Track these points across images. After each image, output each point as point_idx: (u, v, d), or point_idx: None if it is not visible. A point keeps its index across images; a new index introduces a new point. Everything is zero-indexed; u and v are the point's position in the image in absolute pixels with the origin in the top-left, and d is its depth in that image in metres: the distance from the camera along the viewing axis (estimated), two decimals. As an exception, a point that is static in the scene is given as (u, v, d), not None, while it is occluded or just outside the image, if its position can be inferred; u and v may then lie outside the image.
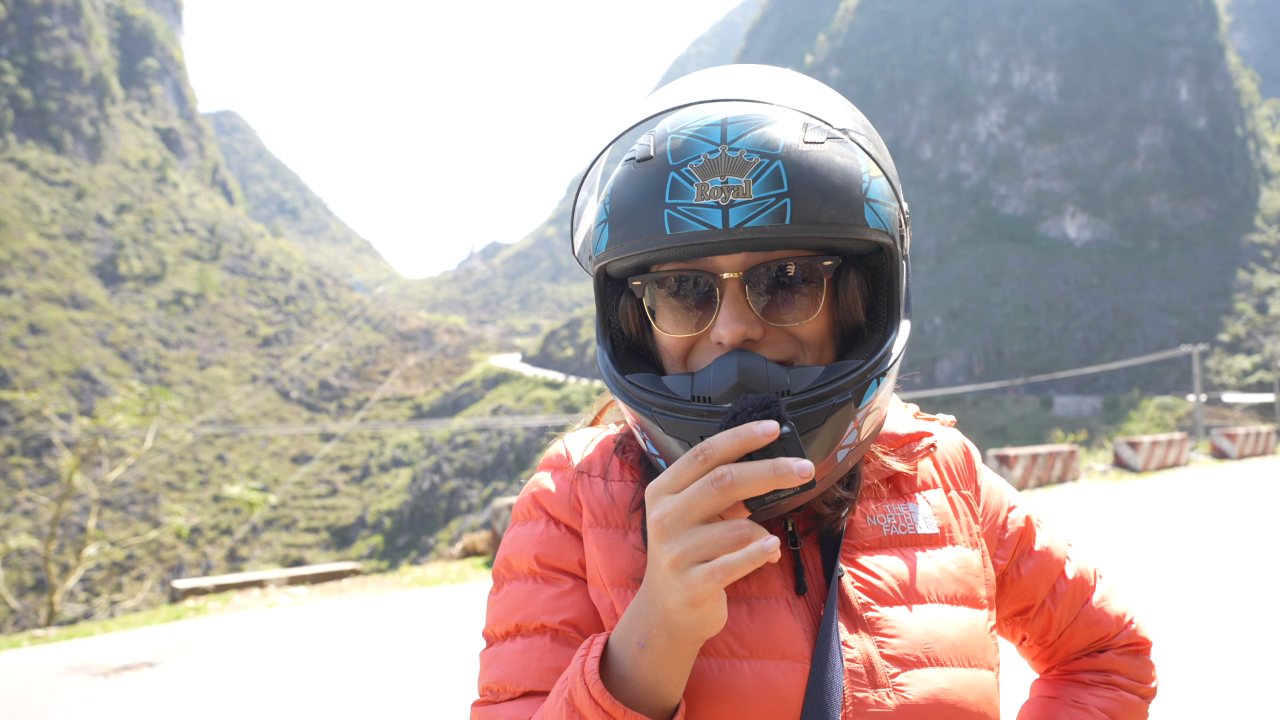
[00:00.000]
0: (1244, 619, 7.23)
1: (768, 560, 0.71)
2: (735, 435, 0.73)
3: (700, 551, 0.72)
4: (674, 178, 0.85)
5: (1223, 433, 28.56)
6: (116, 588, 68.38)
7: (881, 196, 0.88)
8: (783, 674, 0.88)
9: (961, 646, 0.94)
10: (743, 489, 0.71)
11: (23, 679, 6.86)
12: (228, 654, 7.42)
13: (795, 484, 0.72)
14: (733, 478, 0.72)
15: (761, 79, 0.92)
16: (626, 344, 0.99)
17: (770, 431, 0.72)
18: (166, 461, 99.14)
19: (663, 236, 0.85)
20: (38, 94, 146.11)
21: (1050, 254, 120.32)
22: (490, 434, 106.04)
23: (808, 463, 0.72)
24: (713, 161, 0.84)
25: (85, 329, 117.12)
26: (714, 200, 0.83)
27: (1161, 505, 15.77)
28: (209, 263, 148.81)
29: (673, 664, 0.80)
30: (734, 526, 0.72)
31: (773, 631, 0.90)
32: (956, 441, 1.12)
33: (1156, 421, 79.04)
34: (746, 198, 0.83)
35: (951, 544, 1.02)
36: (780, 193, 0.83)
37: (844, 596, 0.93)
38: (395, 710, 5.64)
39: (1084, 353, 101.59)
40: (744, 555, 0.71)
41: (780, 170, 0.83)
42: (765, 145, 0.84)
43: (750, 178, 0.83)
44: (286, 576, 11.02)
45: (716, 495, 0.72)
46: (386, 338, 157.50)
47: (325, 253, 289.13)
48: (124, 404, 24.41)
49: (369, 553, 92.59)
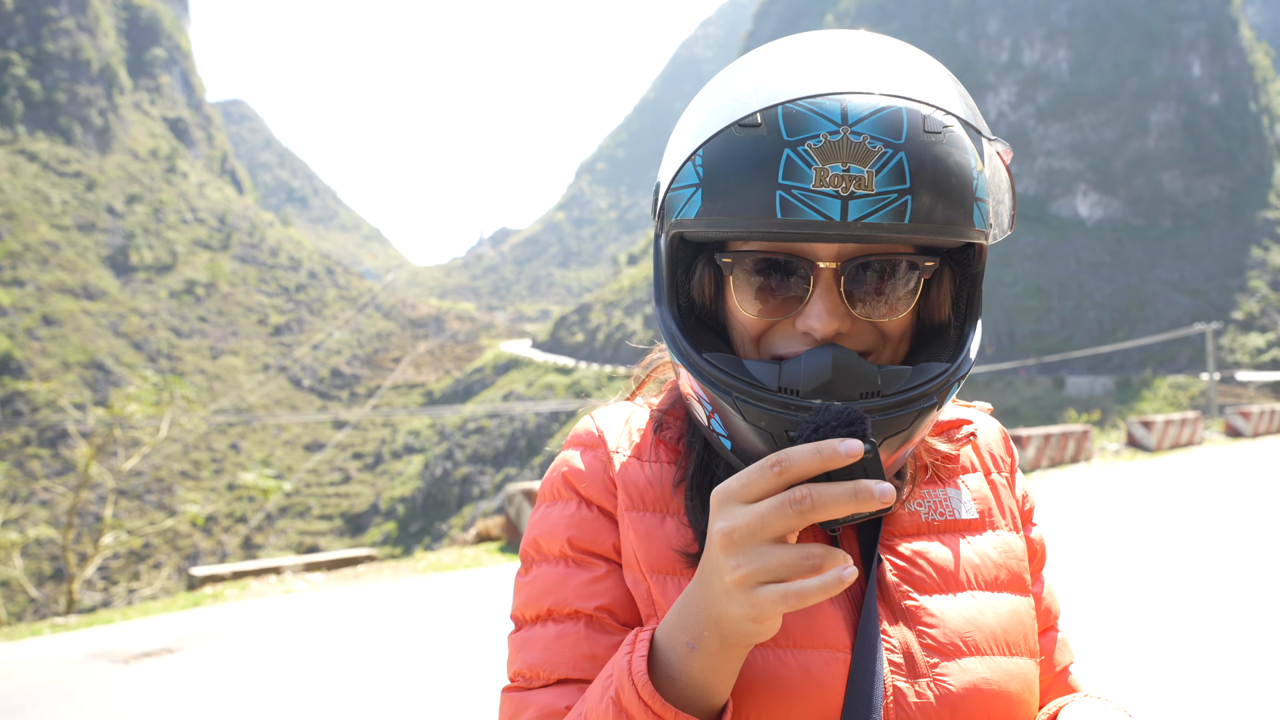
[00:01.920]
0: (1259, 599, 7.21)
1: (843, 589, 0.68)
2: (818, 451, 0.69)
3: (770, 573, 0.69)
4: (789, 155, 0.79)
5: (1237, 411, 28.39)
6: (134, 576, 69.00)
7: (983, 194, 0.85)
8: (826, 664, 0.87)
9: (1003, 634, 0.92)
10: (822, 512, 0.68)
11: (46, 666, 6.94)
12: (247, 640, 7.49)
13: (875, 508, 0.69)
14: (813, 501, 0.68)
15: (886, 60, 0.86)
16: (695, 314, 0.95)
17: (854, 452, 0.69)
18: (181, 450, 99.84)
19: (772, 219, 0.80)
20: (46, 85, 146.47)
21: (1062, 233, 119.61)
22: (501, 420, 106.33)
23: (889, 487, 0.69)
24: (834, 144, 0.78)
25: (98, 320, 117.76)
26: (834, 189, 0.78)
27: (1176, 485, 15.72)
28: (219, 252, 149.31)
29: (724, 665, 0.78)
30: (808, 554, 0.69)
31: (815, 621, 0.89)
32: (994, 428, 1.10)
33: (1170, 400, 78.65)
34: (869, 191, 0.78)
35: (993, 529, 1.00)
36: (902, 189, 0.78)
37: (882, 584, 0.91)
38: (415, 695, 5.69)
39: (1096, 332, 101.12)
40: (819, 584, 0.68)
41: (904, 163, 0.79)
42: (889, 132, 0.79)
43: (874, 168, 0.78)
44: (303, 563, 11.10)
45: (794, 517, 0.69)
46: (397, 325, 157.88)
47: (335, 241, 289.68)
48: (138, 394, 24.55)
49: (382, 539, 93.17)
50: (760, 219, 0.80)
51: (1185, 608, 6.96)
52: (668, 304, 0.93)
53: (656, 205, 0.93)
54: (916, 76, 0.85)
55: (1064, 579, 8.12)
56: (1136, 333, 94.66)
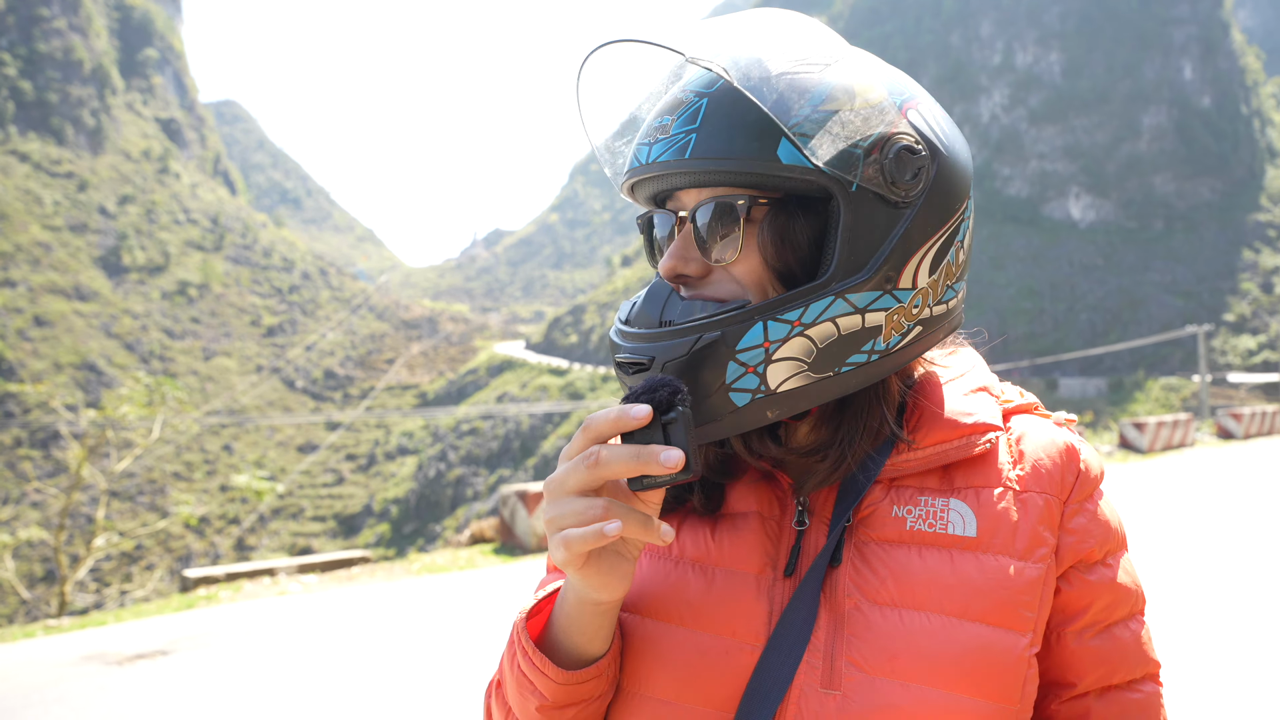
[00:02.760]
0: (1252, 600, 7.25)
1: (605, 542, 0.73)
2: (611, 413, 0.75)
3: (560, 521, 0.75)
4: (648, 117, 0.89)
5: (1228, 413, 28.51)
6: (126, 578, 68.76)
7: (823, 131, 0.80)
8: (726, 652, 0.85)
9: (950, 666, 0.82)
10: (606, 470, 0.74)
11: (39, 668, 6.92)
12: (241, 642, 7.48)
13: (660, 471, 0.72)
14: (598, 459, 0.74)
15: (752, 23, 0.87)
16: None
17: (640, 416, 0.73)
18: (173, 452, 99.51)
19: (627, 169, 0.90)
20: (38, 85, 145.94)
21: (1054, 235, 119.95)
22: (495, 421, 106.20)
23: (677, 452, 0.71)
24: (666, 101, 0.87)
25: (90, 321, 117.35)
26: (648, 139, 0.86)
27: (1168, 486, 15.77)
28: (212, 253, 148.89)
29: (583, 621, 0.82)
30: (590, 505, 0.74)
31: (726, 608, 0.87)
32: (1057, 442, 0.95)
33: (1162, 402, 78.90)
34: (666, 134, 0.84)
35: (991, 551, 0.87)
36: (691, 129, 0.83)
37: (834, 587, 0.87)
38: (409, 697, 5.69)
39: (1089, 334, 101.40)
40: (580, 534, 0.73)
41: (702, 107, 0.83)
42: (705, 84, 0.84)
43: (677, 115, 0.84)
44: (297, 565, 11.08)
45: (585, 472, 0.74)
46: (390, 326, 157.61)
47: (328, 242, 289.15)
48: (130, 395, 24.47)
49: (376, 541, 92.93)
50: (627, 169, 0.90)
51: (1177, 609, 6.99)
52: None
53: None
54: (773, 36, 0.85)
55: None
56: (1129, 335, 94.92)
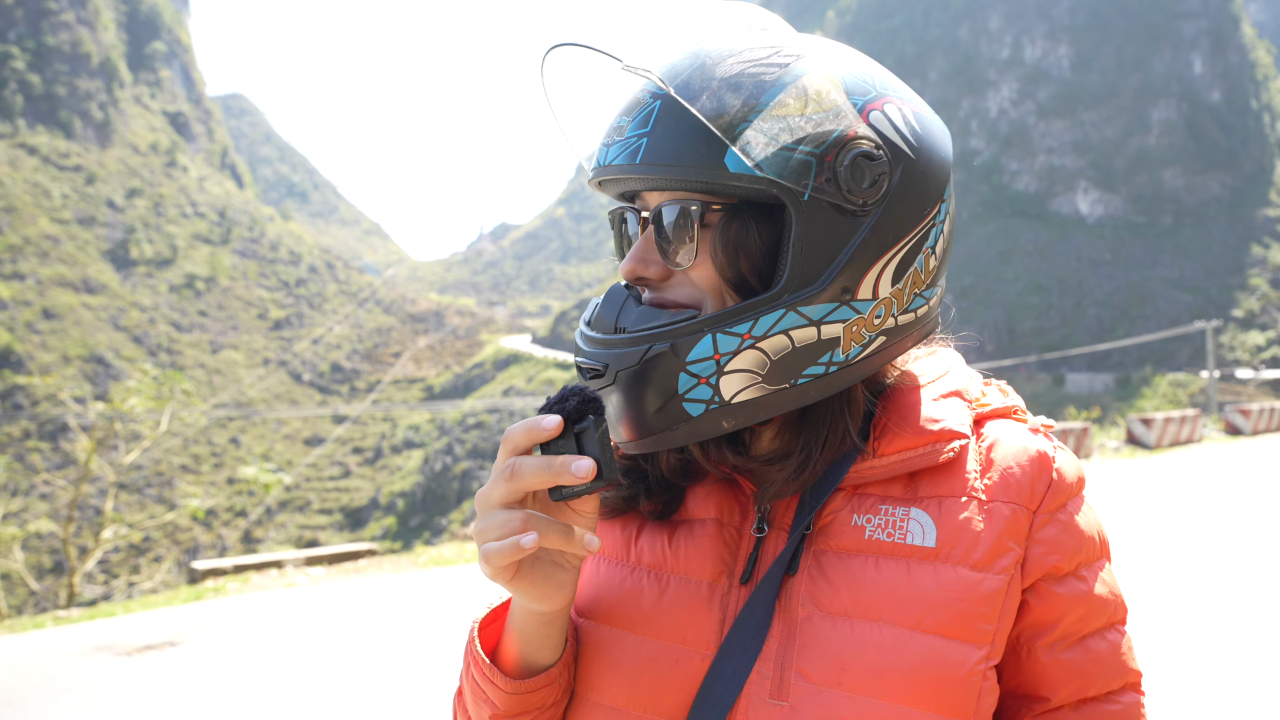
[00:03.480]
0: (1258, 596, 7.23)
1: (521, 555, 0.73)
2: (526, 424, 0.74)
3: (482, 535, 0.75)
4: (617, 115, 0.87)
5: (1236, 409, 28.39)
6: (134, 569, 69.04)
7: (770, 138, 0.78)
8: (676, 660, 0.85)
9: (900, 679, 0.80)
10: (523, 482, 0.73)
11: (48, 659, 6.97)
12: (248, 634, 7.51)
13: (571, 481, 0.72)
14: (513, 471, 0.74)
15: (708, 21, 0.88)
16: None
17: (549, 427, 0.73)
18: (181, 444, 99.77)
19: (592, 168, 0.89)
20: (46, 79, 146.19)
21: (1062, 230, 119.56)
22: (502, 415, 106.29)
23: (588, 462, 0.72)
24: (627, 102, 0.86)
25: (98, 313, 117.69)
26: (607, 139, 0.85)
27: (1175, 482, 15.73)
28: (219, 246, 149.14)
29: (527, 630, 0.82)
30: (508, 519, 0.74)
31: (677, 614, 0.86)
32: (1029, 449, 0.90)
33: (1169, 398, 78.54)
34: (621, 136, 0.84)
35: (950, 562, 0.84)
36: (643, 132, 0.82)
37: (789, 596, 0.85)
38: (417, 689, 5.71)
39: (1096, 329, 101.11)
40: (497, 546, 0.73)
41: (654, 110, 0.82)
42: (658, 89, 0.83)
43: (631, 117, 0.84)
44: (304, 557, 11.12)
45: (502, 484, 0.74)
46: (397, 320, 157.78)
47: (335, 235, 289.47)
48: (138, 388, 24.55)
49: (382, 534, 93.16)
50: (593, 168, 0.89)
51: (1184, 605, 6.98)
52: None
53: None
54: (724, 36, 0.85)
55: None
56: (1136, 330, 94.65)
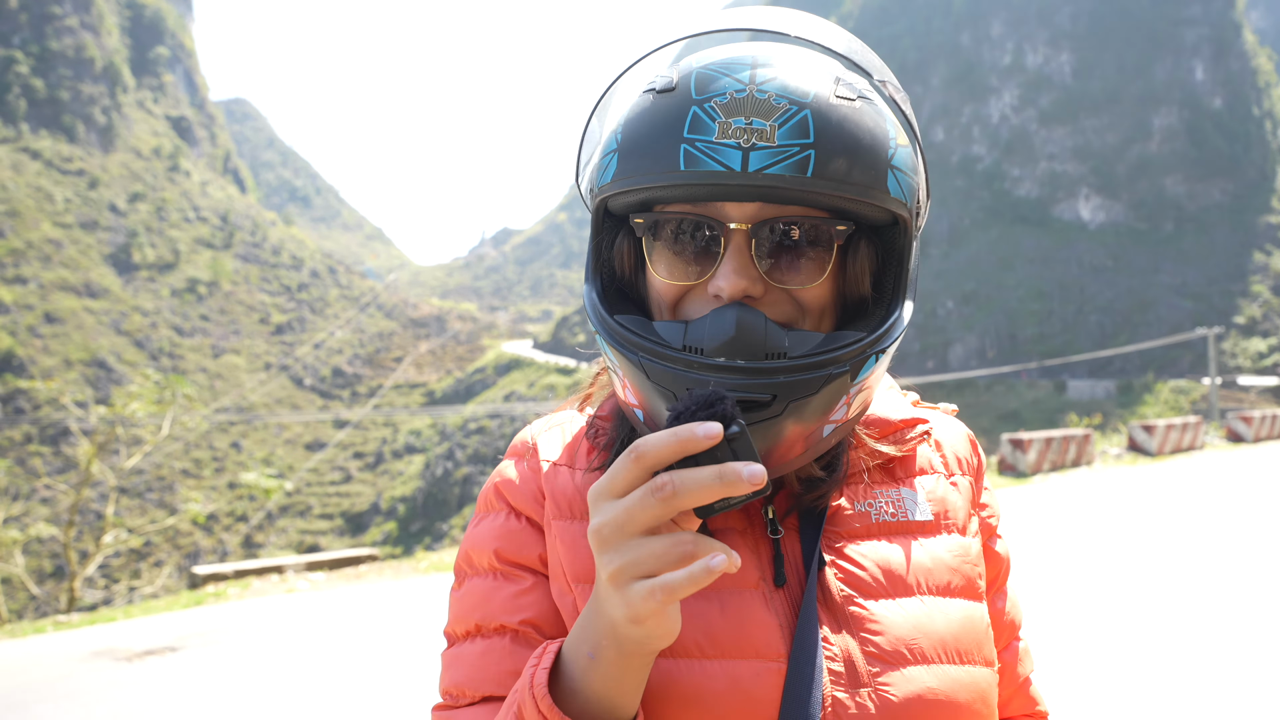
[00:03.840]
0: (1260, 604, 7.22)
1: (713, 580, 0.64)
2: (674, 436, 0.65)
3: (640, 567, 0.66)
4: (695, 112, 0.80)
5: (1238, 416, 28.40)
6: (135, 574, 69.00)
7: (905, 166, 0.83)
8: (756, 675, 0.83)
9: (953, 641, 0.88)
10: (686, 499, 0.65)
11: (49, 664, 6.97)
12: (249, 639, 7.51)
13: (745, 491, 0.64)
14: (674, 488, 0.65)
15: (796, 20, 0.86)
16: (617, 285, 0.93)
17: (713, 434, 0.65)
18: (182, 449, 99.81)
19: (676, 172, 0.79)
20: (50, 83, 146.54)
21: (1064, 236, 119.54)
22: (503, 420, 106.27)
23: (759, 467, 0.65)
24: (739, 100, 0.79)
25: (100, 317, 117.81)
26: (735, 140, 0.78)
27: (1177, 489, 15.72)
28: (222, 251, 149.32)
29: (624, 676, 0.74)
30: (677, 542, 0.66)
31: (747, 629, 0.84)
32: (960, 431, 1.06)
33: (1171, 405, 78.58)
34: (769, 143, 0.77)
35: (947, 531, 0.95)
36: (805, 143, 0.78)
37: (825, 589, 0.87)
38: (417, 695, 5.71)
39: (1098, 336, 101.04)
40: (686, 575, 0.64)
41: (808, 119, 0.78)
42: (794, 92, 0.79)
43: (776, 122, 0.78)
44: (305, 562, 11.12)
45: (657, 506, 0.65)
46: (399, 325, 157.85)
47: (337, 240, 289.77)
48: (140, 392, 24.59)
49: (383, 539, 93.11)
50: (665, 173, 0.80)
51: (1186, 613, 6.97)
52: (592, 278, 0.92)
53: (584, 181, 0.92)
54: (835, 44, 0.85)
55: (1064, 583, 8.12)
56: (1138, 337, 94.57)
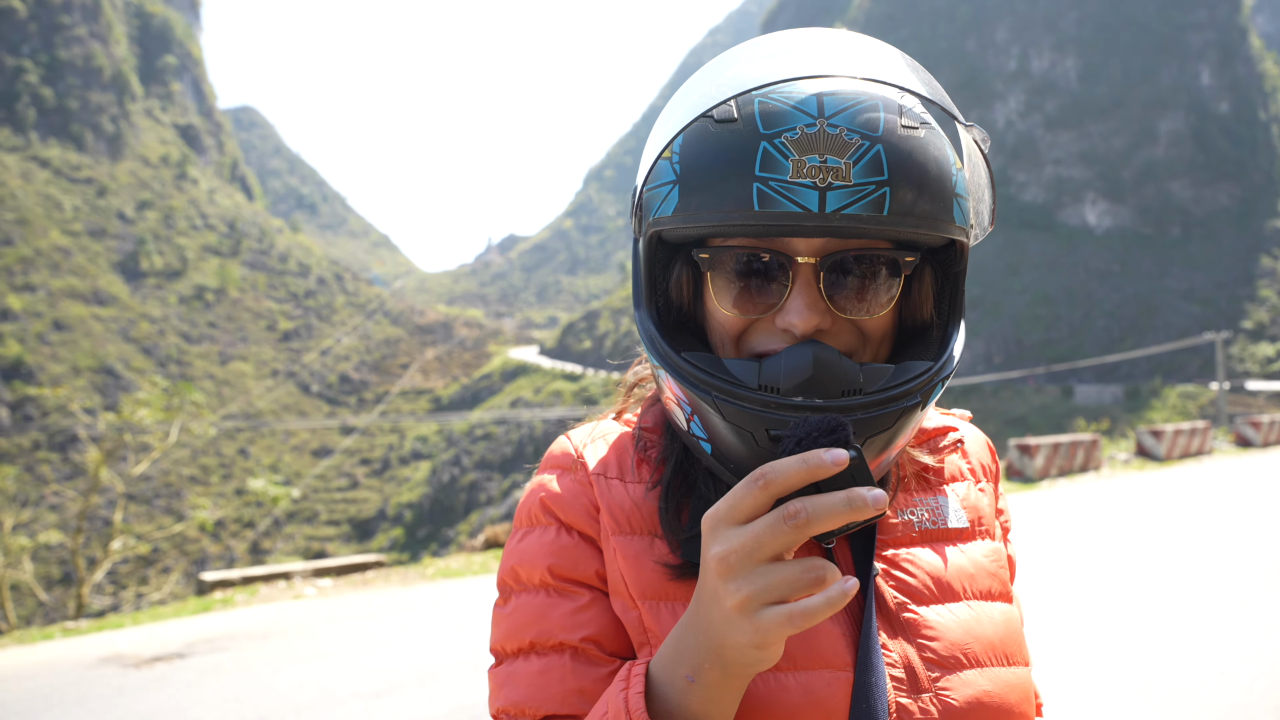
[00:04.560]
0: (1269, 610, 7.19)
1: (846, 603, 0.67)
2: (804, 463, 0.66)
3: (773, 593, 0.66)
4: (766, 148, 0.78)
5: (1247, 420, 28.27)
6: (143, 580, 69.16)
7: (964, 191, 0.85)
8: (828, 684, 0.84)
9: (1000, 644, 0.90)
10: (818, 525, 0.66)
11: (58, 670, 6.98)
12: (257, 645, 7.52)
13: (870, 515, 0.66)
14: (808, 515, 0.65)
15: (857, 51, 0.85)
16: (673, 315, 0.93)
17: (840, 461, 0.67)
18: (190, 456, 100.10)
19: (750, 211, 0.78)
20: (59, 92, 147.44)
21: (1070, 242, 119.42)
22: (509, 426, 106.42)
23: (881, 492, 0.66)
24: (810, 136, 0.78)
25: (108, 325, 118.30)
26: (811, 180, 0.77)
27: (1186, 494, 15.67)
28: (229, 258, 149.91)
29: (725, 697, 0.75)
30: (809, 567, 0.66)
31: (815, 640, 0.86)
32: (980, 437, 1.09)
33: (1179, 410, 78.36)
34: (846, 182, 0.77)
35: (982, 537, 0.98)
36: (880, 180, 0.77)
37: (880, 596, 0.89)
38: (426, 702, 5.71)
39: (1105, 341, 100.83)
40: (824, 600, 0.65)
41: (881, 155, 0.78)
42: (866, 125, 0.79)
43: (851, 160, 0.77)
44: (312, 569, 11.13)
45: (790, 533, 0.66)
46: (405, 331, 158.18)
47: (344, 247, 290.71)
48: (148, 399, 24.70)
49: (390, 545, 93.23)
50: (738, 211, 0.79)
51: (1194, 619, 6.95)
52: (646, 307, 0.91)
53: (634, 206, 0.91)
54: (891, 69, 0.84)
55: (1073, 589, 8.10)
56: (1145, 342, 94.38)
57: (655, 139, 0.88)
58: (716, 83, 0.84)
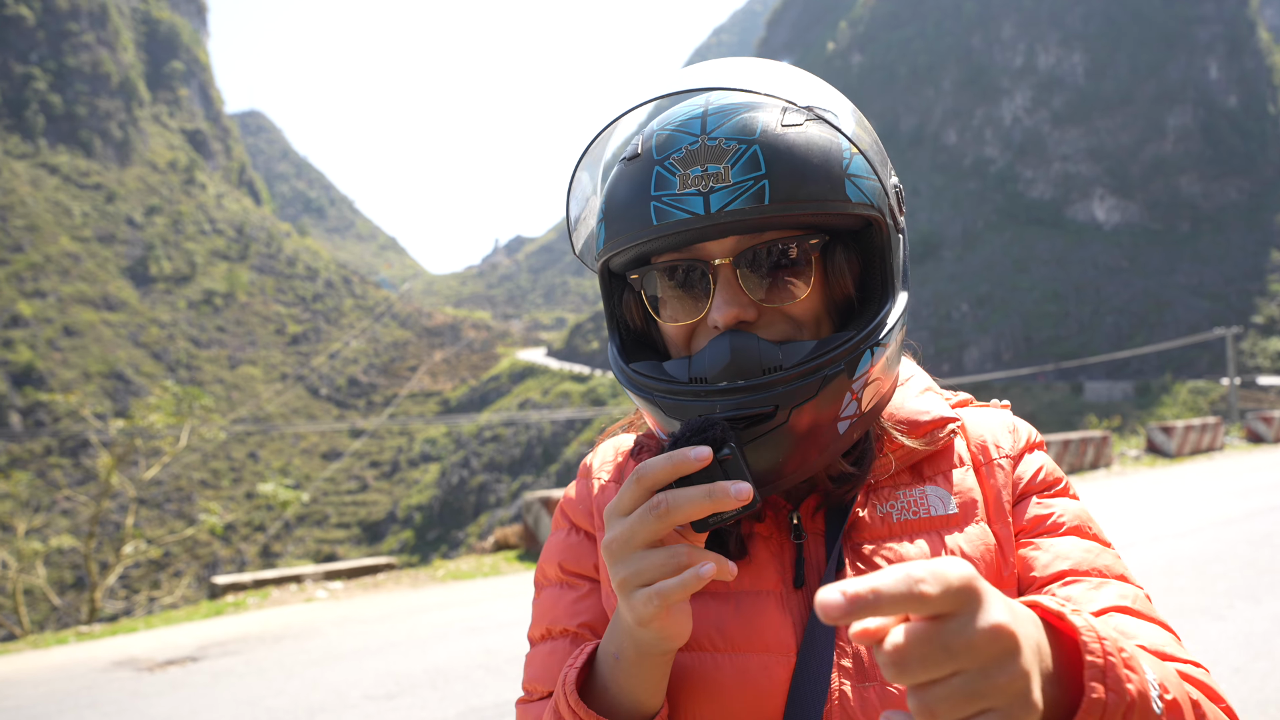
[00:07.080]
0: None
1: (702, 585, 0.74)
2: (669, 460, 0.75)
3: (641, 576, 0.75)
4: (658, 171, 0.88)
5: (1258, 416, 28.12)
6: (154, 584, 69.39)
7: (862, 172, 0.90)
8: (764, 668, 0.89)
9: None
10: (679, 515, 0.74)
11: (72, 674, 7.02)
12: (269, 648, 7.54)
13: (733, 507, 0.73)
14: (668, 505, 0.74)
15: (744, 69, 0.93)
16: (634, 337, 1.02)
17: (702, 457, 0.74)
18: (200, 460, 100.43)
19: (650, 228, 0.88)
20: (67, 99, 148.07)
21: (1079, 238, 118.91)
22: (518, 428, 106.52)
23: (746, 485, 0.73)
24: (693, 152, 0.87)
25: (118, 330, 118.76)
26: (695, 188, 0.86)
27: (1197, 490, 15.60)
28: (237, 262, 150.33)
29: (645, 673, 0.84)
30: (673, 554, 0.75)
31: (757, 626, 0.91)
32: (999, 420, 1.09)
33: (1190, 406, 77.98)
34: (725, 183, 0.85)
35: (974, 522, 0.98)
36: (758, 175, 0.85)
37: None
38: (438, 703, 5.72)
39: (1114, 337, 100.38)
40: (678, 582, 0.74)
41: (758, 153, 0.85)
42: (743, 131, 0.87)
43: (729, 164, 0.85)
44: (323, 571, 11.16)
45: (654, 522, 0.75)
46: (413, 334, 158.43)
47: (351, 250, 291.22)
48: (158, 404, 24.79)
49: (400, 547, 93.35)
50: (641, 230, 0.89)
51: (1207, 615, 6.92)
52: (612, 334, 1.02)
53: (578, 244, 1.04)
54: (779, 82, 0.91)
55: (1084, 586, 8.07)
56: (1155, 338, 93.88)
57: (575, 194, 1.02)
58: (632, 130, 0.96)
